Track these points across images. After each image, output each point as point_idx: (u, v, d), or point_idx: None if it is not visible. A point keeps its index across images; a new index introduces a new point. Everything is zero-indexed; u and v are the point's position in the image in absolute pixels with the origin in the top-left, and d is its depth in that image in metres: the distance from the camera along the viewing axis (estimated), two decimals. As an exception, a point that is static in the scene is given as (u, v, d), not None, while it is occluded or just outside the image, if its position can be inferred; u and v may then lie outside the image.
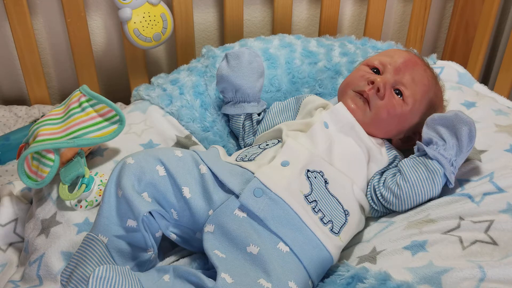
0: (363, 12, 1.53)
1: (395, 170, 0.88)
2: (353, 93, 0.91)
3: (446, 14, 1.63)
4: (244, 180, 0.76)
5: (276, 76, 1.10)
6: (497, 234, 0.70)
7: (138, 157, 0.76)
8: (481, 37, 1.47)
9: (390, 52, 0.97)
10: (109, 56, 1.46)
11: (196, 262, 0.78)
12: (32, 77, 1.34)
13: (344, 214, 0.80)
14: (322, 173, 0.81)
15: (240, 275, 0.66)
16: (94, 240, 0.71)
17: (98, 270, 0.62)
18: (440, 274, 0.65)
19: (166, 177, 0.76)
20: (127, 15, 1.20)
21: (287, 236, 0.72)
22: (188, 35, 1.36)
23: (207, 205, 0.75)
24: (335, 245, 0.76)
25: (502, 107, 1.00)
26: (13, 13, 1.25)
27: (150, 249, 0.74)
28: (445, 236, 0.72)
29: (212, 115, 1.04)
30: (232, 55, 0.96)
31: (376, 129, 0.90)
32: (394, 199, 0.84)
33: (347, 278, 0.71)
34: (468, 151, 0.82)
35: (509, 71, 1.52)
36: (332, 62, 1.13)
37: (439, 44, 1.69)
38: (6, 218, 0.90)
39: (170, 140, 0.99)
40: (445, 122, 0.82)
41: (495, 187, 0.78)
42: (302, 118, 0.95)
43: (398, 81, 0.90)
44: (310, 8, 1.50)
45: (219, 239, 0.72)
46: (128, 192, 0.72)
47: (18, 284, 0.78)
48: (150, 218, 0.74)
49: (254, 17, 1.47)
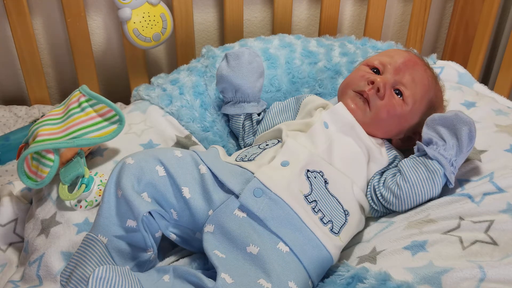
0: (363, 12, 1.53)
1: (395, 170, 0.88)
2: (353, 93, 0.91)
3: (446, 14, 1.63)
4: (244, 180, 0.76)
5: (276, 76, 1.10)
6: (497, 234, 0.70)
7: (137, 157, 0.76)
8: (481, 37, 1.47)
9: (390, 52, 0.97)
10: (109, 56, 1.46)
11: (196, 262, 0.78)
12: (32, 77, 1.34)
13: (344, 214, 0.80)
14: (322, 173, 0.81)
15: (240, 275, 0.66)
16: (93, 240, 0.71)
17: (98, 271, 0.62)
18: (440, 274, 0.65)
19: (166, 177, 0.76)
20: (126, 15, 1.20)
21: (287, 236, 0.72)
22: (188, 35, 1.36)
23: (207, 205, 0.75)
24: (335, 245, 0.76)
25: (502, 107, 1.00)
26: (13, 13, 1.25)
27: (150, 249, 0.74)
28: (445, 236, 0.72)
29: (212, 115, 1.04)
30: (232, 55, 0.96)
31: (376, 129, 0.90)
32: (394, 199, 0.84)
33: (347, 278, 0.71)
34: (468, 151, 0.82)
35: (509, 71, 1.52)
36: (332, 62, 1.13)
37: (439, 44, 1.69)
38: (6, 218, 0.90)
39: (170, 140, 0.99)
40: (445, 122, 0.82)
41: (495, 187, 0.78)
42: (302, 118, 0.95)
43: (398, 81, 0.90)
44: (310, 8, 1.50)
45: (219, 239, 0.72)
46: (127, 192, 0.72)
47: (18, 284, 0.78)
48: (150, 218, 0.74)
49: (254, 17, 1.47)
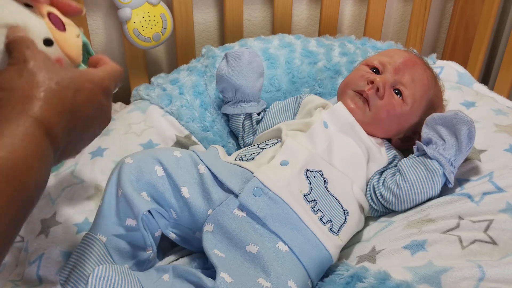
0: (363, 12, 1.53)
1: (394, 169, 0.88)
2: (353, 93, 0.91)
3: (446, 14, 1.63)
4: (243, 180, 0.76)
5: (276, 76, 1.10)
6: (497, 234, 0.70)
7: (137, 157, 0.76)
8: (481, 37, 1.47)
9: (389, 52, 0.97)
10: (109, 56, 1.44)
11: (195, 261, 0.78)
12: (32, 77, 1.34)
13: (343, 213, 0.80)
14: (322, 173, 0.81)
15: (239, 275, 0.66)
16: (92, 239, 0.71)
17: (97, 270, 0.62)
18: (440, 274, 0.65)
19: (165, 177, 0.76)
20: (126, 15, 1.20)
21: (286, 235, 0.72)
22: (188, 35, 1.36)
23: (206, 205, 0.76)
24: (334, 245, 0.76)
25: (501, 107, 1.00)
26: (13, 13, 1.25)
27: (149, 249, 0.74)
28: (444, 235, 0.72)
29: (212, 114, 1.04)
30: (231, 55, 0.97)
31: (375, 128, 0.90)
32: (393, 199, 0.84)
33: (346, 278, 0.71)
34: (467, 151, 0.82)
35: (509, 71, 1.52)
36: (331, 62, 1.13)
37: (439, 44, 1.69)
38: (6, 218, 0.90)
39: (170, 140, 0.99)
40: (444, 121, 0.82)
41: (494, 186, 0.78)
42: (302, 117, 0.95)
43: (397, 81, 0.90)
44: (310, 8, 1.50)
45: (218, 238, 0.72)
46: (127, 191, 0.72)
47: (17, 283, 0.78)
48: (150, 217, 0.74)
49: (254, 17, 1.47)
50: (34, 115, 0.48)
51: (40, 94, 0.49)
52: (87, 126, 0.55)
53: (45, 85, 0.50)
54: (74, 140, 0.54)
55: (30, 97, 0.48)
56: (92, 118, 0.55)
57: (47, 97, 0.49)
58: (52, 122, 0.49)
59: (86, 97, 0.53)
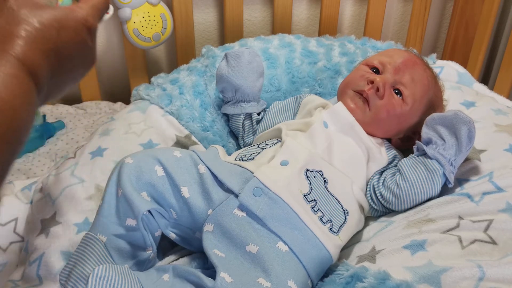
0: (363, 12, 1.53)
1: (394, 169, 0.88)
2: (353, 93, 0.91)
3: (446, 14, 1.63)
4: (243, 180, 0.76)
5: (275, 76, 1.10)
6: (497, 234, 0.70)
7: (136, 157, 0.76)
8: (481, 37, 1.47)
9: (389, 52, 0.97)
10: (109, 56, 1.46)
11: (195, 261, 0.78)
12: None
13: (343, 213, 0.80)
14: (322, 173, 0.81)
15: (239, 274, 0.66)
16: (92, 239, 0.71)
17: (97, 270, 0.62)
18: (440, 274, 0.65)
19: (165, 177, 0.76)
20: (126, 15, 1.20)
21: (286, 235, 0.72)
22: (188, 35, 1.36)
23: (206, 205, 0.75)
24: (334, 245, 0.76)
25: (501, 107, 1.00)
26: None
27: (149, 248, 0.74)
28: (444, 235, 0.72)
29: (212, 114, 1.04)
30: (231, 55, 0.97)
31: (375, 128, 0.90)
32: (393, 199, 0.84)
33: (346, 278, 0.71)
34: (467, 151, 0.82)
35: (509, 71, 1.52)
36: (331, 62, 1.13)
37: (439, 44, 1.69)
38: (6, 218, 0.90)
39: (170, 139, 0.99)
40: (444, 121, 0.82)
41: (494, 186, 0.78)
42: (302, 117, 0.95)
43: (397, 80, 0.90)
44: (310, 8, 1.50)
45: (218, 238, 0.72)
46: (127, 190, 0.72)
47: (17, 283, 0.78)
48: (150, 217, 0.74)
49: (254, 17, 1.47)
50: (16, 55, 0.45)
51: (21, 32, 0.46)
52: (71, 67, 0.53)
53: (26, 24, 0.47)
54: (58, 81, 0.52)
55: (11, 36, 0.46)
56: (77, 58, 0.53)
57: (29, 36, 0.46)
58: (35, 62, 0.47)
59: (70, 36, 0.50)
